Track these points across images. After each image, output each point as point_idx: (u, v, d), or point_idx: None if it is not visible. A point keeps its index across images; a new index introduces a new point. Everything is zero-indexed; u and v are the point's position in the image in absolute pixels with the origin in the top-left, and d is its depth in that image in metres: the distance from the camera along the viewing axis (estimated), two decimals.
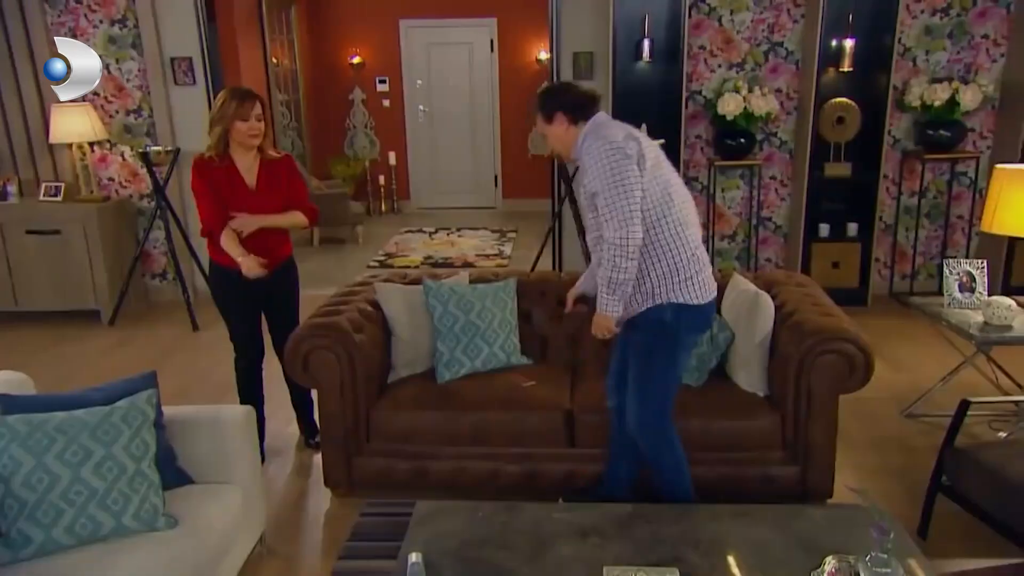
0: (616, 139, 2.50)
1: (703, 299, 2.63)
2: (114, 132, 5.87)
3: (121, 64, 5.78)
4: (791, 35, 5.56)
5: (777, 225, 5.90)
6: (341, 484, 3.21)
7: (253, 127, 3.25)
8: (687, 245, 2.59)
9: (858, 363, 2.89)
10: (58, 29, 5.70)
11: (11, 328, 5.57)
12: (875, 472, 3.43)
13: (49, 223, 5.52)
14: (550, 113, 2.64)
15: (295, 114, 9.00)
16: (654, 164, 2.56)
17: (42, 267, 5.55)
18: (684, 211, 2.62)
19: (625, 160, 2.46)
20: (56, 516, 2.21)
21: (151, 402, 2.48)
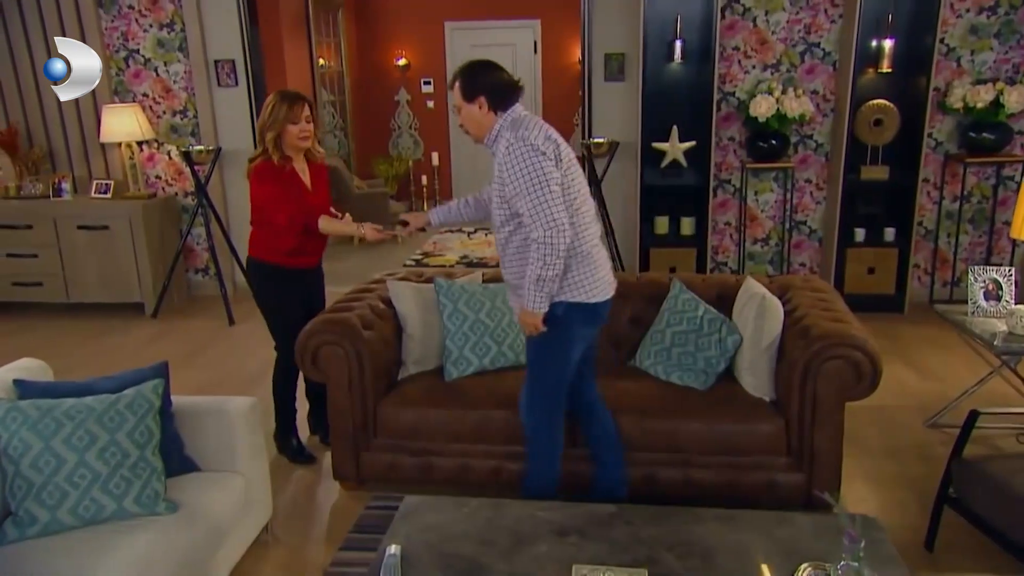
0: (536, 141, 2.50)
1: (595, 298, 2.66)
2: (161, 132, 6.08)
3: (169, 66, 5.97)
4: (828, 36, 5.43)
5: (812, 229, 5.77)
6: (349, 477, 3.26)
7: (304, 129, 3.30)
8: (583, 245, 2.62)
9: (865, 370, 2.81)
10: (111, 34, 5.93)
11: (62, 319, 5.81)
12: (889, 482, 3.33)
13: (99, 219, 5.74)
14: (473, 93, 2.61)
15: (341, 114, 9.17)
16: (568, 166, 2.58)
17: (91, 261, 5.78)
18: (587, 212, 2.66)
19: (546, 161, 2.49)
20: (61, 498, 2.31)
21: (157, 391, 2.57)
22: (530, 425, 2.80)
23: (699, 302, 3.29)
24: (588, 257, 2.64)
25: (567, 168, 2.57)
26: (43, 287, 5.86)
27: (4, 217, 5.79)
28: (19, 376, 2.57)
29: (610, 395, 3.11)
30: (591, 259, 2.65)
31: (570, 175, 2.58)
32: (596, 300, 2.67)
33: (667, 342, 3.27)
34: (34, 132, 6.11)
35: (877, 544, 2.12)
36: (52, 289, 5.86)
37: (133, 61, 5.98)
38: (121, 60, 5.98)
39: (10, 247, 5.82)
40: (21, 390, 2.52)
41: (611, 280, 2.75)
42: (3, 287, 5.89)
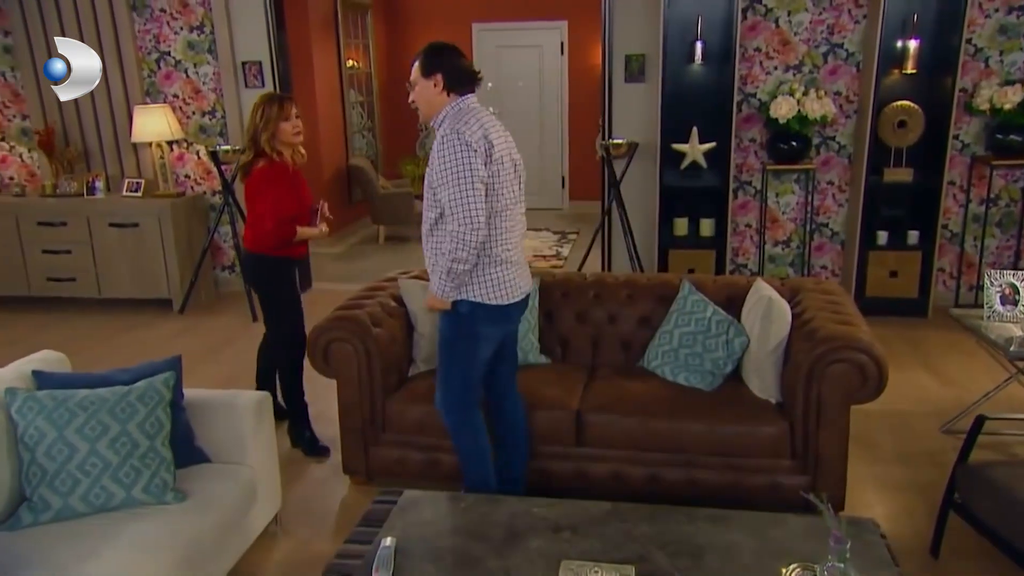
0: (470, 138, 2.54)
1: (501, 301, 2.71)
2: (190, 132, 6.21)
3: (198, 68, 6.10)
4: (852, 36, 5.37)
5: (834, 232, 5.70)
6: (359, 472, 3.32)
7: (296, 125, 3.48)
8: (497, 249, 2.67)
9: (870, 373, 2.79)
10: (143, 36, 6.08)
11: (92, 314, 5.97)
12: (899, 487, 3.29)
13: (129, 217, 5.88)
14: (432, 70, 2.64)
15: (369, 115, 9.27)
16: (499, 167, 2.62)
17: (122, 258, 5.93)
18: (510, 218, 2.70)
19: (475, 158, 2.52)
20: (73, 485, 2.39)
21: (168, 384, 2.64)
22: (449, 423, 2.86)
23: (708, 303, 3.28)
24: (502, 262, 2.68)
25: (497, 169, 2.60)
26: (76, 282, 6.03)
27: (41, 214, 5.96)
28: (38, 367, 2.66)
29: (616, 395, 3.13)
30: (505, 264, 2.69)
31: (499, 177, 2.62)
32: (502, 303, 2.71)
33: (675, 343, 3.27)
34: (70, 132, 6.28)
35: (871, 546, 2.11)
36: (85, 284, 6.02)
37: (164, 63, 6.11)
38: (152, 62, 6.12)
39: (46, 243, 5.99)
40: (39, 381, 2.61)
41: (524, 284, 2.80)
42: (39, 282, 6.07)
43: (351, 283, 3.83)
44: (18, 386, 2.53)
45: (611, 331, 3.51)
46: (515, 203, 2.75)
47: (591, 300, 3.55)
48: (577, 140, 9.43)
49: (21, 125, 6.37)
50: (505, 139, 2.71)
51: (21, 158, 6.45)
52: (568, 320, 3.56)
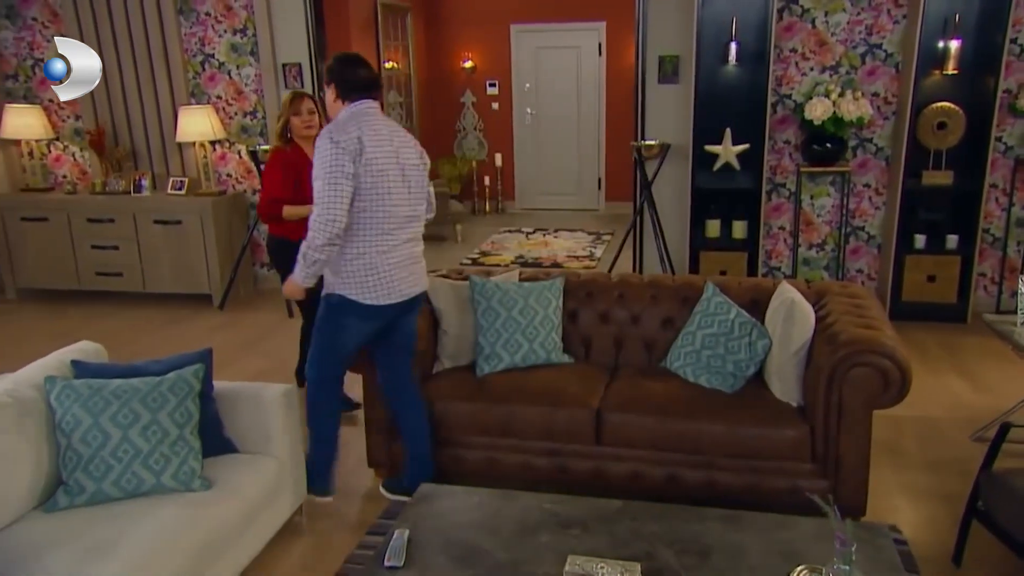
0: (339, 138, 2.72)
1: (372, 300, 2.88)
2: (232, 132, 6.36)
3: (240, 70, 6.25)
4: (891, 37, 5.28)
5: (870, 235, 5.61)
6: (383, 466, 3.38)
7: (305, 120, 3.88)
8: (371, 247, 2.84)
9: (893, 378, 2.75)
10: (189, 39, 6.25)
11: (137, 308, 6.16)
12: (925, 495, 3.24)
13: (173, 214, 6.06)
14: (329, 80, 2.89)
15: (408, 116, 9.38)
16: (379, 170, 2.78)
17: (165, 254, 6.11)
18: (385, 221, 2.83)
19: (342, 155, 2.71)
20: (106, 470, 2.49)
21: (198, 375, 2.73)
22: (308, 395, 3.12)
23: (731, 305, 3.27)
24: (372, 264, 2.85)
25: (377, 172, 2.77)
26: (123, 277, 6.23)
27: (90, 211, 6.18)
28: (76, 357, 2.78)
29: (636, 395, 3.14)
30: (375, 266, 2.85)
31: (372, 180, 2.77)
32: (371, 303, 2.88)
33: (697, 344, 3.26)
34: (119, 132, 6.49)
35: (883, 551, 2.10)
36: (131, 279, 6.22)
37: (208, 65, 6.28)
38: (197, 64, 6.29)
39: (95, 239, 6.20)
40: (77, 370, 2.72)
41: (404, 287, 2.94)
42: (88, 276, 6.29)
43: None
44: (57, 375, 2.64)
45: (634, 332, 3.51)
46: (395, 206, 2.85)
47: (615, 300, 3.56)
48: (614, 141, 9.42)
49: (74, 126, 6.60)
50: (389, 143, 2.84)
51: (74, 157, 6.69)
52: (592, 320, 3.58)
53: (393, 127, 2.93)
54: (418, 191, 2.96)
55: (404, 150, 2.90)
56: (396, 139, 2.88)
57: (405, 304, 2.99)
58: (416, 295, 3.03)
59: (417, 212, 2.98)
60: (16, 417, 2.46)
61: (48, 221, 6.23)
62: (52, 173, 6.71)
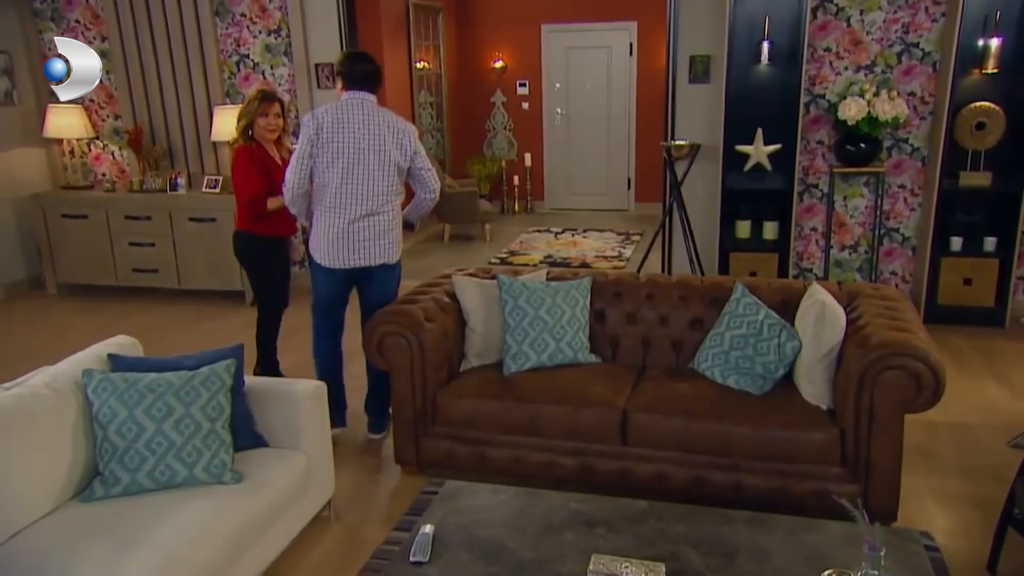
0: (308, 119, 3.42)
1: (326, 264, 3.56)
2: None
3: (275, 70, 6.33)
4: (929, 35, 5.19)
5: (904, 237, 5.52)
6: (410, 462, 3.40)
7: (271, 123, 3.92)
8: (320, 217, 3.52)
9: (926, 381, 2.71)
10: (225, 40, 6.35)
11: (171, 304, 6.27)
12: (959, 501, 3.18)
13: (207, 212, 6.16)
14: (337, 74, 3.52)
15: (438, 116, 9.42)
16: (334, 153, 3.40)
17: (199, 251, 6.21)
18: (341, 193, 3.45)
19: (302, 131, 3.44)
20: (140, 462, 2.54)
21: (230, 371, 2.77)
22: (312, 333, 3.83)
23: (760, 306, 3.24)
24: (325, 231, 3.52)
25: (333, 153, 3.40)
26: (159, 274, 6.34)
27: (128, 209, 6.29)
28: (113, 351, 2.84)
29: (663, 395, 3.13)
30: (327, 234, 3.51)
31: (335, 159, 3.41)
32: (325, 264, 3.57)
33: (725, 345, 3.24)
34: (156, 131, 6.61)
35: (914, 557, 2.07)
36: (166, 276, 6.33)
37: (243, 65, 6.37)
38: (232, 64, 6.39)
39: (132, 236, 6.32)
40: (114, 363, 2.78)
41: (346, 257, 3.53)
42: (125, 272, 6.41)
43: (415, 280, 3.94)
44: (95, 368, 2.70)
45: (662, 332, 3.50)
46: (346, 180, 3.44)
47: (643, 300, 3.55)
48: (644, 141, 9.37)
49: (114, 125, 6.73)
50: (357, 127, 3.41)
51: (113, 156, 6.82)
52: (619, 320, 3.57)
53: (371, 116, 3.44)
54: (376, 173, 3.46)
55: (371, 136, 3.42)
56: (364, 127, 3.42)
57: (359, 271, 3.57)
58: (367, 266, 3.56)
59: (371, 191, 3.47)
60: (55, 409, 2.52)
61: (88, 218, 6.36)
62: (92, 171, 6.86)
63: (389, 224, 3.56)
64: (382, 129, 3.45)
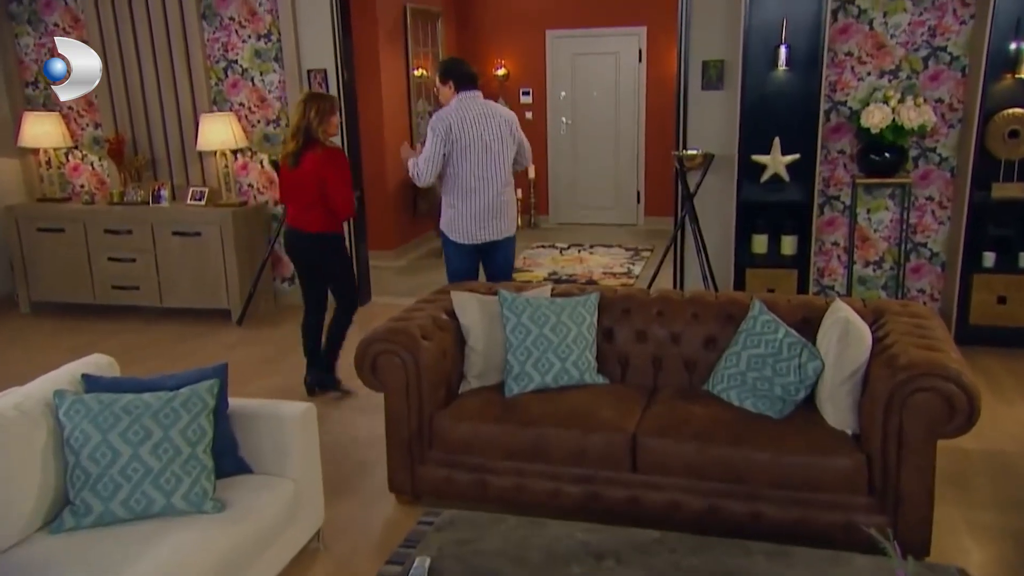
0: (434, 121, 4.30)
1: (460, 240, 4.43)
2: (255, 141, 6.47)
3: (264, 76, 6.36)
4: (957, 39, 5.20)
5: (933, 252, 5.50)
6: (405, 491, 3.37)
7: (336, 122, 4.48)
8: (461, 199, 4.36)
9: (959, 405, 2.68)
10: (212, 45, 6.39)
11: (153, 322, 6.26)
12: (995, 534, 3.14)
13: (192, 225, 6.16)
14: (446, 78, 4.39)
15: None
16: (464, 146, 4.26)
17: (184, 267, 6.21)
18: (474, 179, 4.32)
19: (432, 133, 4.28)
20: (115, 490, 2.51)
21: (212, 391, 2.75)
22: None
23: (779, 324, 3.22)
24: (449, 208, 4.43)
25: (464, 146, 4.27)
26: (139, 291, 6.34)
27: (108, 222, 6.30)
28: (87, 371, 2.82)
29: (675, 419, 3.10)
30: (451, 210, 4.41)
31: (466, 150, 4.28)
32: (456, 240, 4.43)
33: (742, 366, 3.21)
34: (139, 140, 6.63)
35: None
36: (147, 293, 6.32)
37: (231, 71, 6.40)
38: (220, 70, 6.42)
39: (111, 251, 6.33)
40: (88, 384, 2.76)
41: (476, 234, 4.40)
42: (103, 290, 6.41)
43: (411, 297, 3.95)
44: (67, 389, 2.68)
45: (674, 351, 3.48)
46: (475, 168, 4.31)
47: (654, 318, 3.53)
48: (654, 153, 9.39)
49: (93, 134, 6.76)
50: (477, 121, 4.28)
51: (92, 166, 6.85)
52: (629, 339, 3.55)
53: (485, 109, 4.34)
54: (499, 160, 4.34)
55: (490, 127, 4.30)
56: (484, 119, 4.29)
57: (487, 245, 4.45)
58: (495, 240, 4.46)
59: (496, 175, 4.34)
60: (24, 433, 2.50)
61: (64, 232, 6.37)
62: (70, 183, 6.88)
63: (510, 200, 4.48)
64: (497, 120, 4.35)
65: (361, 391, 4.44)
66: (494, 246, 4.46)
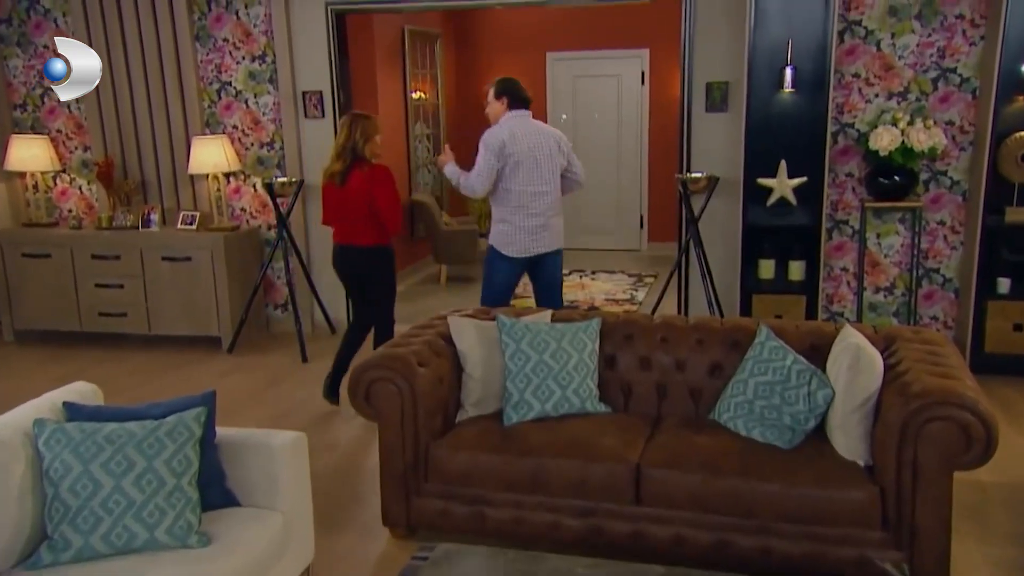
0: (489, 139, 4.57)
1: (511, 254, 4.66)
2: (248, 164, 6.48)
3: (259, 98, 6.40)
4: (967, 60, 5.23)
5: (946, 278, 5.49)
6: (399, 524, 3.33)
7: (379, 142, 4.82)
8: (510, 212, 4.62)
9: (976, 435, 2.65)
10: (205, 66, 6.43)
11: (141, 351, 6.24)
12: (1017, 571, 3.11)
13: (182, 250, 6.16)
14: (500, 94, 4.68)
15: (436, 149, 9.48)
16: (516, 162, 4.53)
17: (173, 293, 6.19)
18: (524, 194, 4.58)
19: (486, 149, 4.55)
20: (95, 523, 2.47)
21: (199, 420, 2.71)
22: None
23: (787, 351, 3.19)
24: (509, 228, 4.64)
25: (516, 163, 4.53)
26: (127, 318, 6.31)
27: (95, 247, 6.30)
28: (69, 399, 2.79)
29: (680, 449, 3.07)
30: (511, 230, 4.63)
31: (517, 168, 4.55)
32: (507, 254, 4.66)
33: (749, 394, 3.19)
34: (129, 164, 6.63)
35: None
36: (135, 320, 6.29)
37: (225, 93, 6.44)
38: (214, 92, 6.45)
39: (99, 277, 6.31)
40: (70, 412, 2.72)
41: (532, 245, 4.65)
42: (90, 317, 6.38)
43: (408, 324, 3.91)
44: (48, 417, 2.65)
45: (679, 379, 3.46)
46: (528, 185, 4.58)
47: (657, 344, 3.51)
48: (657, 177, 9.42)
49: (82, 157, 6.78)
50: (528, 138, 4.58)
51: (80, 190, 6.86)
52: (632, 366, 3.53)
53: (535, 128, 4.68)
54: (548, 175, 4.62)
55: (541, 145, 4.60)
56: (535, 136, 4.60)
57: (536, 258, 4.68)
58: (544, 252, 4.70)
59: (547, 190, 4.62)
60: (1, 463, 2.46)
61: (51, 257, 6.36)
62: (57, 207, 6.89)
63: (559, 214, 4.74)
64: (547, 137, 4.65)
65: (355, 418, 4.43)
66: (543, 259, 4.73)
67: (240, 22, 6.28)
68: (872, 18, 5.29)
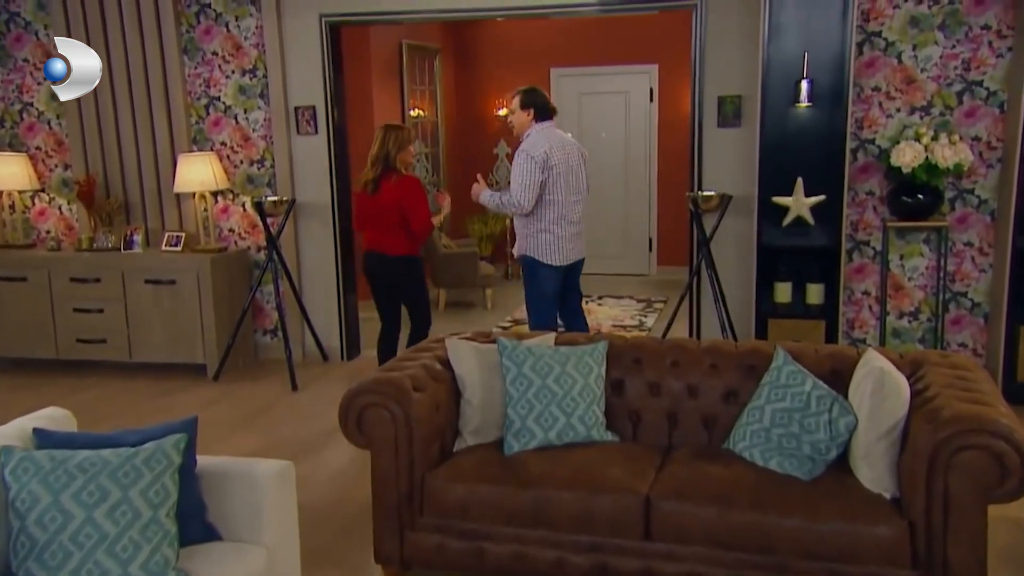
0: (532, 152, 4.80)
1: (554, 263, 4.99)
2: (237, 182, 6.49)
3: (249, 114, 6.42)
4: (994, 72, 5.23)
5: (975, 303, 5.45)
6: (392, 561, 3.27)
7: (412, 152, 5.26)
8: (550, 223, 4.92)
9: (1011, 464, 2.59)
10: (193, 80, 6.45)
11: (121, 379, 6.19)
12: None
13: (166, 273, 6.14)
14: (527, 105, 4.92)
15: (435, 168, 9.51)
16: (558, 173, 4.84)
17: (156, 318, 6.15)
18: (562, 204, 4.92)
19: (531, 163, 4.79)
20: (64, 559, 2.41)
21: (179, 447, 2.66)
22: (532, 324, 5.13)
23: (806, 375, 3.15)
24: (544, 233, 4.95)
25: (556, 175, 4.84)
26: (106, 344, 6.28)
27: (74, 270, 6.27)
28: (40, 425, 2.75)
29: (693, 480, 3.04)
30: (547, 234, 4.95)
31: (557, 181, 4.86)
32: (549, 262, 4.97)
33: (766, 421, 3.14)
34: (111, 183, 6.63)
35: None
36: (115, 347, 6.26)
37: (213, 108, 6.46)
38: (202, 107, 6.48)
39: (77, 301, 6.28)
40: (40, 439, 2.68)
41: (565, 254, 5.00)
42: (67, 344, 6.34)
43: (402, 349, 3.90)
44: (16, 444, 2.61)
45: (691, 406, 3.42)
46: (567, 195, 4.92)
47: (668, 369, 3.48)
48: (667, 197, 9.43)
49: (62, 176, 6.78)
50: (561, 149, 4.89)
51: (60, 210, 6.85)
52: (640, 392, 3.49)
53: (563, 139, 4.99)
54: (581, 184, 5.03)
55: (572, 155, 4.94)
56: (566, 147, 4.93)
57: (572, 265, 5.08)
58: (577, 260, 5.11)
59: (580, 198, 5.03)
60: None
61: (27, 281, 6.33)
62: (35, 228, 6.89)
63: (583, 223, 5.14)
64: (573, 147, 5.01)
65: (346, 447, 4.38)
66: (574, 266, 5.12)
67: (230, 34, 6.32)
68: (892, 29, 5.31)
